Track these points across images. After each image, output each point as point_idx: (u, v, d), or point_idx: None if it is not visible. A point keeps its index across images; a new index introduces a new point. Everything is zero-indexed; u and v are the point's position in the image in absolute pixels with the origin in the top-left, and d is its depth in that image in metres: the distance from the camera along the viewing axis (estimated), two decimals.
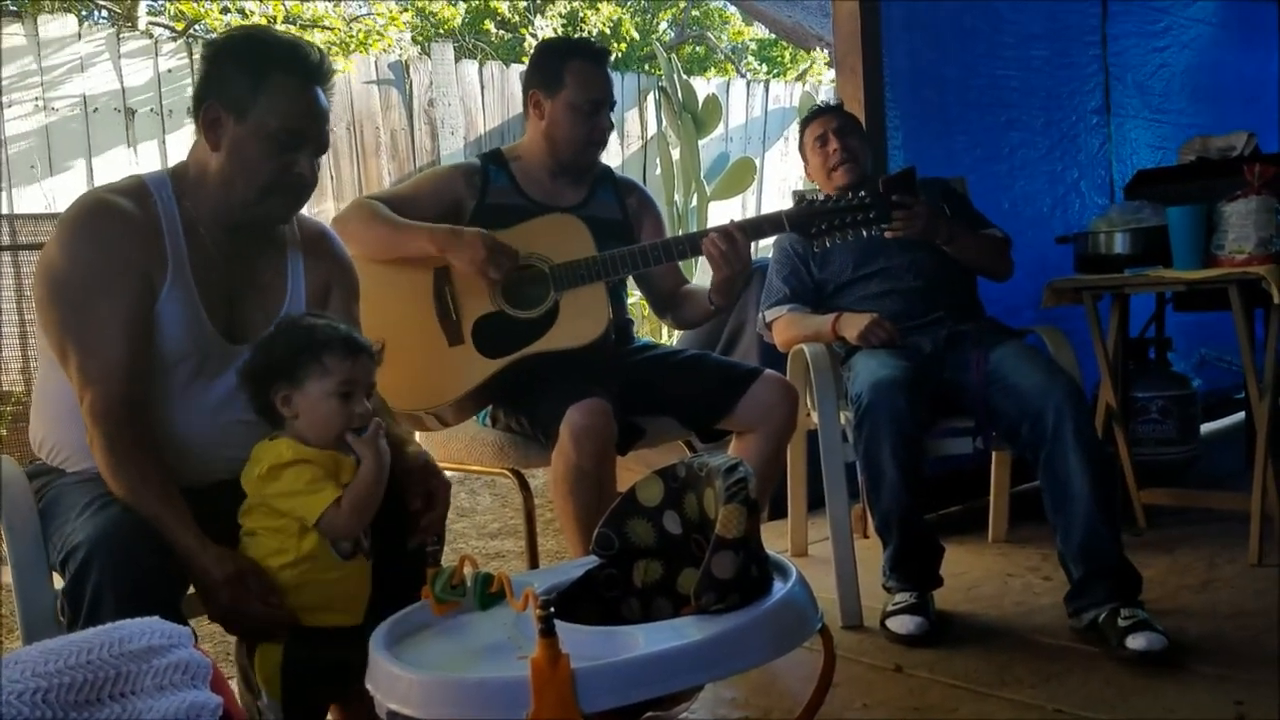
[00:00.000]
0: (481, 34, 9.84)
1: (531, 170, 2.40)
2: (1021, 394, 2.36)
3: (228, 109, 1.64)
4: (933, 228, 2.58)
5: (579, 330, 2.18)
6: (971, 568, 2.85)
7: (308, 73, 1.67)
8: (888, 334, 2.55)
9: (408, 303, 2.22)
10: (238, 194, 1.67)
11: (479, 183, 2.36)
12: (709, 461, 1.45)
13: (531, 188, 2.38)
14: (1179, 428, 3.35)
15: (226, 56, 1.67)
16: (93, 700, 0.89)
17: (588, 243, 2.23)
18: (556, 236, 2.24)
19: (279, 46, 1.68)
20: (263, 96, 1.63)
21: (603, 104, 2.35)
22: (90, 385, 1.57)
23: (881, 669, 2.22)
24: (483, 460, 2.31)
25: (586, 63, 2.34)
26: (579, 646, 1.17)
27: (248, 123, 1.64)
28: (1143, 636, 2.10)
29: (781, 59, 11.54)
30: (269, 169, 1.65)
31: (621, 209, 2.48)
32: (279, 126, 1.64)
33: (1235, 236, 2.74)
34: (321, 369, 1.56)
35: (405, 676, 1.24)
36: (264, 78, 1.64)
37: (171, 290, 1.63)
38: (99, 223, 1.62)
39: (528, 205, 2.34)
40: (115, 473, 1.54)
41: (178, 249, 1.65)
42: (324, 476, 1.54)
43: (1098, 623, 2.20)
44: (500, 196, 2.35)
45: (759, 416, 2.26)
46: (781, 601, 1.30)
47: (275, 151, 1.65)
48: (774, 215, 2.32)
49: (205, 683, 0.94)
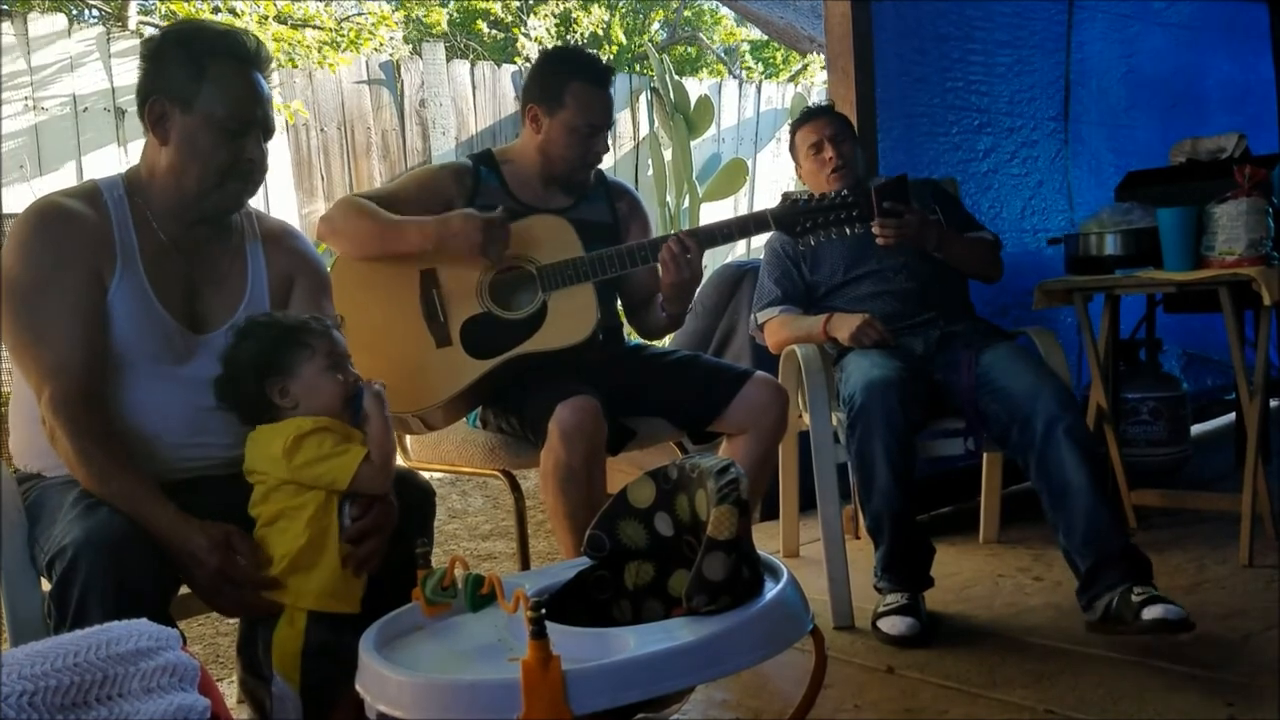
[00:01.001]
0: (473, 34, 9.83)
1: (522, 174, 2.40)
2: (1010, 397, 2.36)
3: (173, 102, 1.67)
4: (923, 235, 2.58)
5: (567, 330, 2.18)
6: (963, 568, 2.85)
7: (246, 59, 1.70)
8: (879, 334, 2.55)
9: (394, 304, 2.21)
10: (191, 184, 1.69)
11: (469, 183, 2.35)
12: (700, 463, 1.45)
13: (522, 191, 2.38)
14: (1169, 429, 3.35)
15: (166, 51, 1.69)
16: (80, 703, 0.89)
17: (575, 244, 2.22)
18: (544, 238, 2.24)
19: (216, 36, 1.71)
20: (206, 85, 1.66)
21: (601, 128, 2.35)
22: (46, 380, 1.58)
23: (873, 670, 2.22)
24: (473, 461, 2.30)
25: (589, 85, 2.32)
26: (570, 648, 1.17)
27: (195, 113, 1.67)
28: (1159, 607, 2.07)
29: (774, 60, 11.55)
30: (220, 156, 1.68)
31: (611, 212, 2.48)
32: (226, 114, 1.66)
33: (1225, 238, 2.75)
34: (309, 350, 1.63)
35: (395, 678, 1.24)
36: (205, 67, 1.66)
37: (121, 283, 1.66)
38: (48, 224, 1.65)
39: (516, 208, 2.32)
40: (82, 460, 1.55)
41: (127, 243, 1.68)
42: (346, 438, 1.60)
43: (1112, 607, 2.16)
44: (490, 198, 2.33)
45: (750, 418, 2.26)
46: (773, 602, 1.30)
47: (225, 139, 1.67)
48: (759, 214, 2.33)
49: (193, 685, 0.94)
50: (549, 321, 2.19)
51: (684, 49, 11.17)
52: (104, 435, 1.58)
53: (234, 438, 1.68)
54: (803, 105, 7.64)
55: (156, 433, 1.66)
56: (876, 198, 2.50)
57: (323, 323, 1.69)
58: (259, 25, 6.46)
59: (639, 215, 2.53)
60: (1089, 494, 2.23)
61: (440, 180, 2.35)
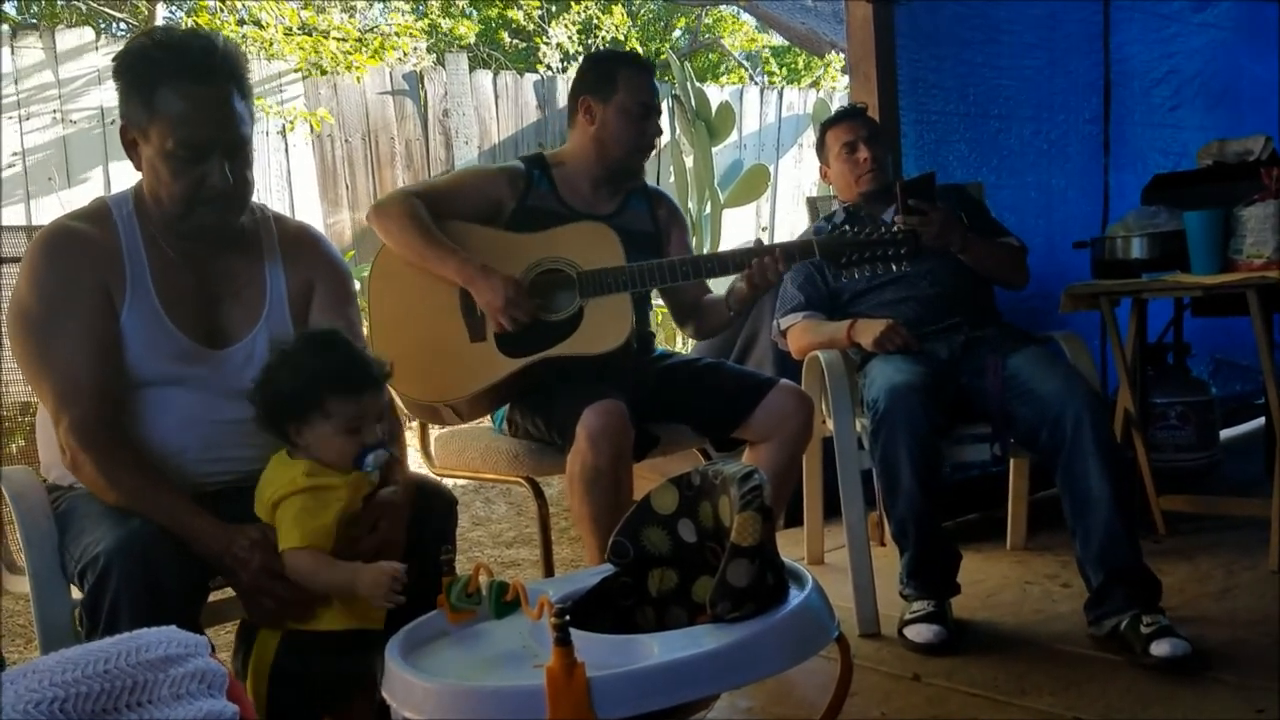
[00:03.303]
0: (496, 44, 9.88)
1: (574, 177, 2.43)
2: (1040, 400, 2.34)
3: (135, 130, 1.64)
4: (948, 235, 2.57)
5: (602, 337, 2.19)
6: (989, 575, 2.83)
7: (196, 74, 1.59)
8: (903, 340, 2.54)
9: (434, 294, 2.23)
10: (166, 210, 1.66)
11: (522, 185, 2.39)
12: (724, 469, 1.45)
13: (571, 195, 2.41)
14: (1198, 433, 3.32)
15: (120, 75, 1.65)
16: (110, 709, 0.89)
17: (617, 252, 2.25)
18: (587, 243, 2.26)
19: (163, 54, 1.61)
20: (156, 113, 1.60)
21: (652, 109, 2.41)
22: (64, 409, 1.58)
23: (899, 677, 2.20)
24: (498, 468, 2.31)
25: (639, 72, 2.42)
26: (594, 655, 1.17)
27: (151, 143, 1.62)
28: (1166, 643, 2.08)
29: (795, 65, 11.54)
30: (180, 186, 1.63)
31: (653, 220, 2.51)
32: (176, 143, 1.59)
33: (1253, 240, 2.73)
34: (324, 411, 1.57)
35: (421, 685, 1.24)
36: (153, 94, 1.59)
37: (132, 305, 1.65)
38: (57, 249, 1.64)
39: (564, 212, 2.37)
40: (110, 485, 1.56)
41: (137, 264, 1.66)
42: (316, 509, 1.54)
43: (1119, 630, 2.18)
44: (539, 200, 2.38)
45: (774, 426, 2.26)
46: (798, 610, 1.30)
47: (181, 169, 1.61)
48: (805, 242, 2.35)
49: (222, 691, 0.94)
50: (584, 326, 2.21)
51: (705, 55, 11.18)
52: (127, 457, 1.59)
53: (255, 450, 1.66)
54: (825, 110, 7.65)
55: (178, 449, 1.66)
56: (902, 195, 2.49)
57: (358, 384, 1.59)
58: (285, 36, 6.51)
59: (678, 222, 2.58)
60: (1108, 508, 2.22)
61: (494, 181, 2.39)
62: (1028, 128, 3.66)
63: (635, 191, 2.51)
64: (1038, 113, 3.68)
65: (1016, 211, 3.57)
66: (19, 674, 0.90)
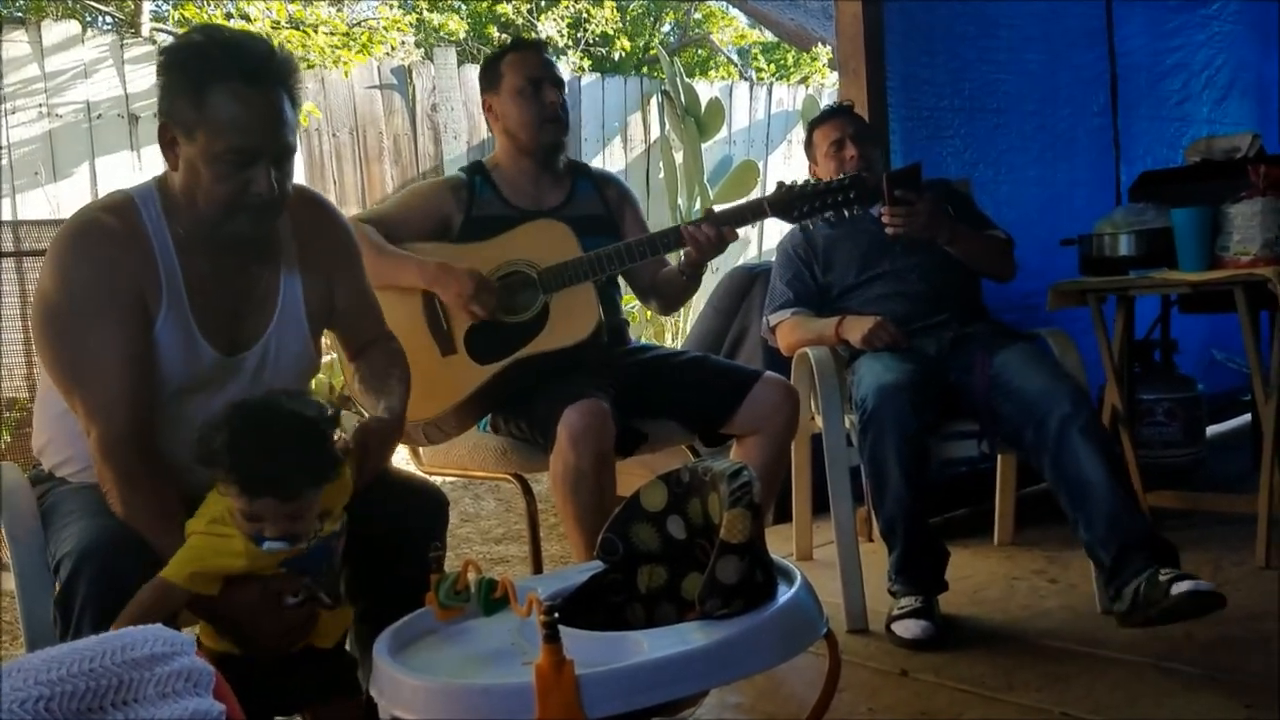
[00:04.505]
0: (485, 38, 9.85)
1: (510, 176, 2.44)
2: (1025, 398, 2.35)
3: (179, 129, 1.56)
4: (935, 226, 2.57)
5: (570, 329, 2.19)
6: (977, 571, 2.84)
7: (251, 78, 1.53)
8: (892, 337, 2.54)
9: (398, 314, 2.19)
10: (202, 214, 1.59)
11: (465, 196, 2.39)
12: (713, 466, 1.45)
13: (515, 195, 2.42)
14: (1185, 430, 3.34)
15: (169, 71, 1.57)
16: (95, 708, 0.89)
17: (572, 244, 2.26)
18: (541, 241, 2.27)
19: (219, 54, 1.54)
20: (206, 113, 1.52)
21: (542, 80, 2.38)
22: (95, 422, 1.54)
23: (887, 673, 2.21)
24: (485, 466, 2.30)
25: (518, 53, 2.43)
26: (583, 652, 1.17)
27: (196, 144, 1.54)
28: (1188, 583, 2.03)
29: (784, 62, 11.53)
30: (223, 191, 1.55)
31: (603, 203, 2.51)
32: (225, 147, 1.53)
33: (1240, 238, 2.73)
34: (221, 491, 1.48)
35: (410, 682, 1.24)
36: (205, 93, 1.52)
37: (167, 317, 1.59)
38: (89, 246, 1.57)
39: (512, 214, 2.37)
40: (124, 506, 1.52)
41: (170, 272, 1.60)
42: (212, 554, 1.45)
43: (1140, 592, 2.11)
44: (486, 208, 2.38)
45: (760, 419, 2.26)
46: (787, 606, 1.30)
47: (227, 172, 1.54)
48: (754, 202, 2.35)
49: (208, 691, 0.94)
50: (551, 322, 2.21)
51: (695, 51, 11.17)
52: (152, 481, 1.55)
53: None
54: (814, 107, 7.65)
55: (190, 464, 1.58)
56: (889, 185, 2.49)
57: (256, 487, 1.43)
58: (272, 30, 6.48)
59: (629, 201, 2.57)
60: (1108, 485, 2.21)
61: (437, 196, 2.40)
62: (1031, 122, 3.67)
63: (581, 177, 2.51)
64: (1041, 107, 3.69)
65: (1019, 206, 3.57)
66: (4, 673, 0.89)
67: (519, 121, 2.38)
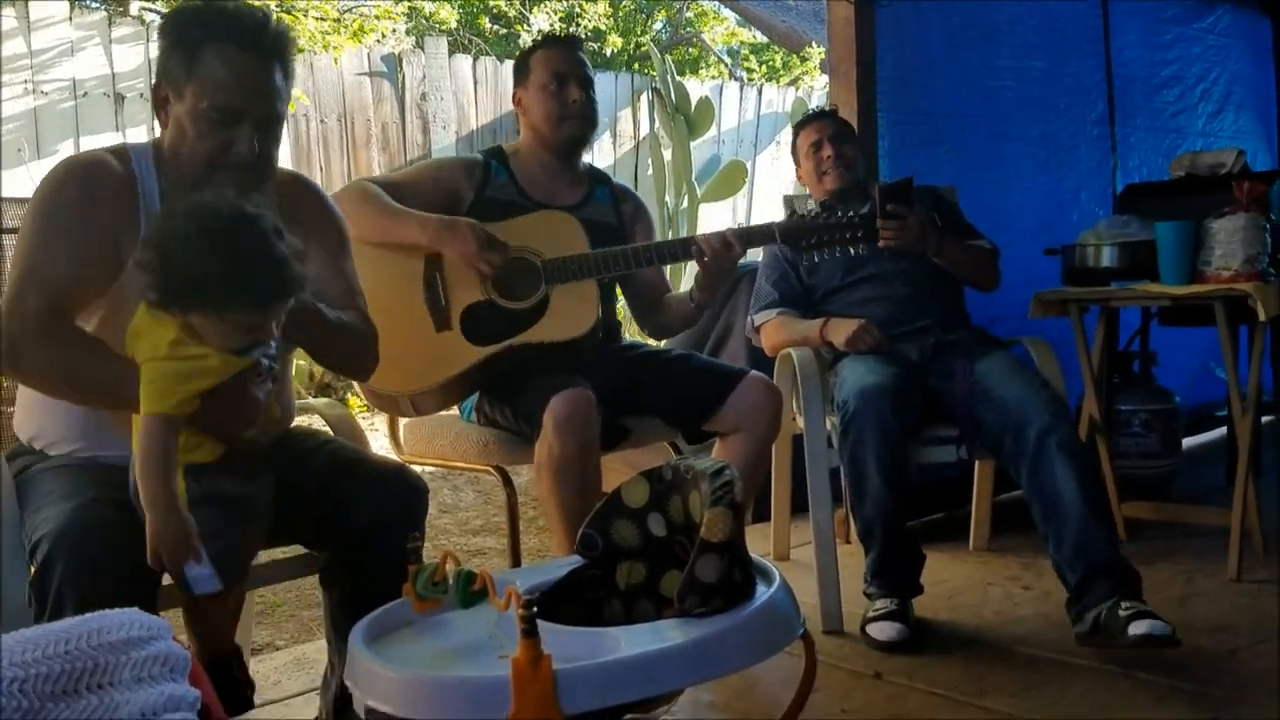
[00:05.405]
0: (476, 29, 9.82)
1: (529, 168, 2.42)
2: (1004, 406, 2.37)
3: (170, 87, 1.62)
4: (924, 239, 2.59)
5: (568, 324, 2.19)
6: (952, 575, 2.86)
7: (245, 42, 1.60)
8: (875, 340, 2.56)
9: (397, 284, 2.21)
10: (185, 171, 1.64)
11: (480, 175, 2.38)
12: (695, 464, 1.45)
13: (530, 187, 2.41)
14: (1161, 441, 3.36)
15: (168, 32, 1.64)
16: (70, 691, 0.88)
17: (581, 241, 2.25)
18: (550, 232, 2.26)
19: (217, 17, 1.61)
20: (196, 71, 1.59)
21: (568, 76, 2.38)
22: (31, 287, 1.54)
23: (861, 675, 2.22)
24: (467, 457, 2.30)
25: (548, 49, 2.43)
26: (561, 647, 1.17)
27: (185, 101, 1.61)
28: (1145, 623, 2.08)
29: (774, 63, 11.55)
30: (205, 148, 1.61)
31: (616, 215, 2.50)
32: (210, 104, 1.58)
33: (1222, 253, 2.75)
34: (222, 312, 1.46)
35: (385, 674, 1.23)
36: (199, 52, 1.59)
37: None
38: (88, 173, 1.63)
39: (524, 203, 2.36)
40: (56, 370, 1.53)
41: (152, 220, 1.63)
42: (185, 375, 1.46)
43: (1100, 620, 2.17)
44: (499, 192, 2.37)
45: (744, 418, 2.26)
46: (764, 606, 1.30)
47: (210, 129, 1.60)
48: (766, 227, 2.34)
49: (184, 676, 0.93)
50: (550, 313, 2.20)
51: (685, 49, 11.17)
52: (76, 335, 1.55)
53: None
54: (803, 110, 7.66)
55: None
56: (881, 198, 2.51)
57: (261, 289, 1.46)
58: None
59: (643, 219, 2.56)
60: (1079, 506, 2.24)
61: (452, 171, 2.38)
62: (1026, 130, 3.68)
63: (600, 185, 2.50)
64: (1037, 114, 3.70)
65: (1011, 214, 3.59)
66: None
67: (541, 115, 2.38)
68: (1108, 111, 3.90)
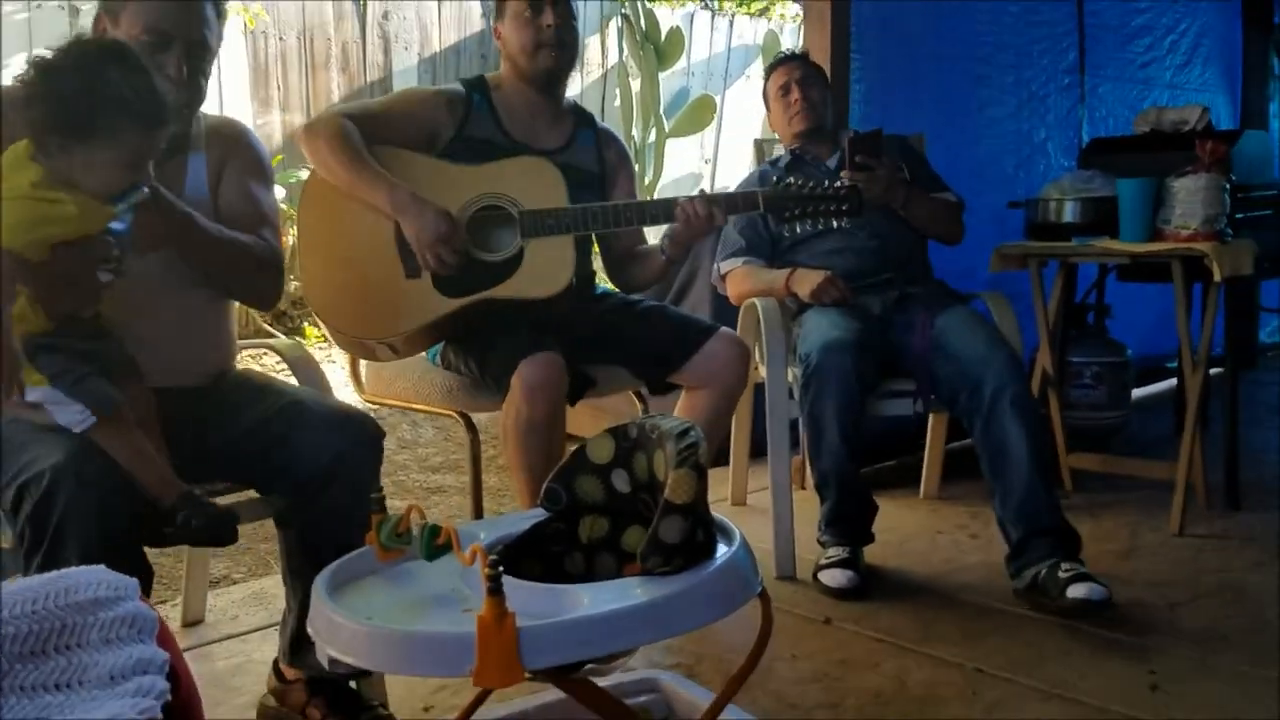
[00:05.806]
0: None
1: (510, 101, 2.35)
2: (962, 363, 2.41)
3: (108, 16, 1.71)
4: (892, 191, 2.60)
5: (542, 281, 2.15)
6: (903, 523, 2.92)
7: None
8: (840, 293, 2.57)
9: (367, 225, 2.15)
10: None
11: (461, 111, 2.30)
12: (661, 424, 1.46)
13: (512, 124, 2.33)
14: (1111, 394, 3.42)
15: None
16: (39, 652, 0.88)
17: (560, 191, 2.18)
18: (529, 180, 2.20)
19: None
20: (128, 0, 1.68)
21: (543, 2, 2.29)
22: None
23: (811, 620, 2.28)
24: (430, 400, 2.29)
25: None
26: (525, 604, 1.18)
27: (120, 28, 1.69)
28: (1083, 586, 2.16)
29: None
30: None
31: (599, 161, 2.43)
32: (140, 28, 1.67)
33: (1182, 212, 2.79)
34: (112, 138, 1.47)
35: (349, 626, 1.24)
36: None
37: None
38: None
39: (505, 143, 2.29)
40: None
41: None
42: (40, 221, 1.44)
43: (1039, 579, 2.25)
44: (479, 129, 2.29)
45: (711, 374, 2.27)
46: (725, 565, 1.32)
47: (143, 56, 1.60)
48: (750, 194, 2.31)
49: (152, 637, 0.93)
50: (524, 268, 2.15)
51: None
52: None
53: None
54: (775, 44, 7.57)
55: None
56: (850, 149, 2.51)
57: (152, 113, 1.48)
58: None
59: (626, 166, 2.51)
60: (1027, 466, 2.29)
61: (433, 107, 2.29)
62: (1009, 75, 3.67)
63: (585, 127, 2.44)
64: (1016, 61, 3.69)
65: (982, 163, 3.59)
66: None
67: (517, 45, 2.30)
68: (1078, 60, 3.89)
